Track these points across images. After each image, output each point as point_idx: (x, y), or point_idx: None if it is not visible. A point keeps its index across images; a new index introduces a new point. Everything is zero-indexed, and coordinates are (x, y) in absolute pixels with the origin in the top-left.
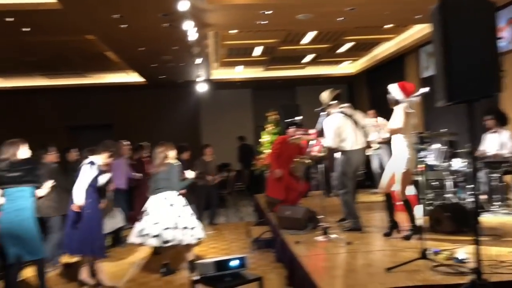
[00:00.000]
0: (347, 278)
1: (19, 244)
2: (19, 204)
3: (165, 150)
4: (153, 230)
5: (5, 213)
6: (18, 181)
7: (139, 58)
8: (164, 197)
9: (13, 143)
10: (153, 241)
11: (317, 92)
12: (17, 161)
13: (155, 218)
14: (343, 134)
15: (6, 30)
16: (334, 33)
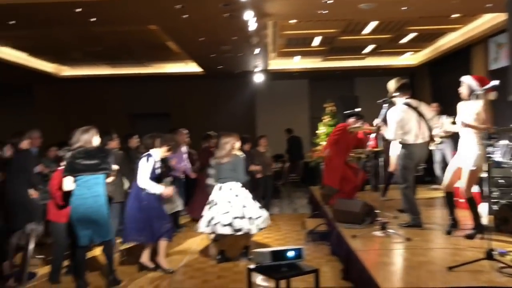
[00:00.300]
0: (407, 275)
1: (92, 228)
2: (96, 190)
3: (231, 141)
4: (223, 219)
5: (81, 199)
6: (94, 169)
7: (199, 48)
8: (229, 188)
9: (87, 130)
10: (225, 230)
11: (377, 84)
12: (93, 149)
13: (224, 207)
14: (406, 127)
15: (74, 20)
16: (397, 23)
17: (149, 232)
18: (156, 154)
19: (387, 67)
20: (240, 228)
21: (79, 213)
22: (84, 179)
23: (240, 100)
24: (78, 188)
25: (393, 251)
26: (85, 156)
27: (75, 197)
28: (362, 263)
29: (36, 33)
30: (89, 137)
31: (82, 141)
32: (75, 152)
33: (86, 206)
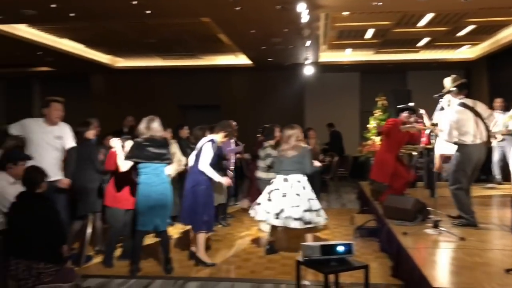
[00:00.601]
0: (461, 276)
1: (159, 214)
2: (163, 178)
3: (296, 133)
4: (294, 213)
5: (152, 186)
6: (161, 158)
7: (250, 41)
8: (296, 180)
9: (153, 119)
10: (296, 224)
11: (430, 78)
12: (161, 139)
13: (294, 200)
14: (463, 128)
15: (130, 12)
16: (455, 15)
17: (200, 218)
18: (215, 139)
19: (442, 60)
20: (309, 221)
21: (152, 200)
22: (153, 167)
23: (289, 93)
24: (148, 176)
25: (446, 250)
26: (155, 144)
27: (145, 185)
28: (413, 261)
29: (93, 25)
30: (158, 126)
31: (152, 129)
32: (144, 139)
33: (158, 192)
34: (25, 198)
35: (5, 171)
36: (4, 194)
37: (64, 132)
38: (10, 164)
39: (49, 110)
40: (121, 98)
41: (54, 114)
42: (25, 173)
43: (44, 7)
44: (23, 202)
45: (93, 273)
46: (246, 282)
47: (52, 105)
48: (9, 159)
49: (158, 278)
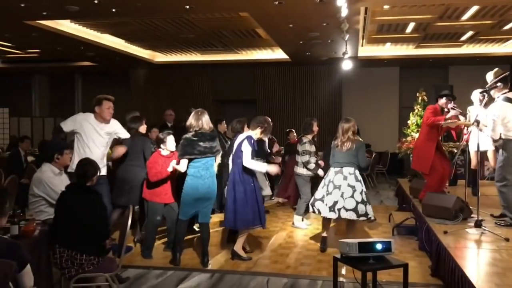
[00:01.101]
0: (505, 278)
1: (204, 207)
2: (212, 171)
3: (352, 126)
4: (347, 204)
5: (201, 179)
6: (211, 151)
7: (288, 35)
8: (349, 172)
9: (202, 113)
10: (349, 215)
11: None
12: (209, 132)
13: (347, 192)
14: (509, 124)
15: (170, 7)
16: (502, 7)
17: (256, 216)
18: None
19: (485, 55)
20: (363, 213)
21: (199, 193)
22: (203, 161)
23: (326, 88)
24: (198, 169)
25: (489, 251)
26: (205, 139)
27: (194, 178)
28: (454, 260)
29: (134, 21)
30: (208, 119)
31: (201, 123)
32: (194, 135)
33: (206, 186)
34: (75, 190)
35: (50, 163)
36: (50, 185)
37: (114, 128)
38: (56, 154)
39: (101, 108)
40: (160, 93)
41: (106, 112)
42: (79, 165)
43: (87, 3)
44: (73, 193)
45: (133, 264)
46: (282, 277)
47: (104, 103)
48: (55, 149)
49: (196, 270)
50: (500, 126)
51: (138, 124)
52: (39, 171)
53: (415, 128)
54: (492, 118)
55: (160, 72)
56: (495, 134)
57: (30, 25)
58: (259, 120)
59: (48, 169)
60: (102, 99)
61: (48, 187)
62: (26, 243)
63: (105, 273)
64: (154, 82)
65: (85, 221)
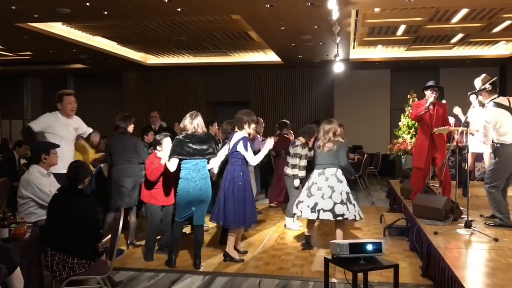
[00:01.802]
0: (495, 277)
1: (197, 209)
2: (204, 173)
3: (333, 128)
4: (325, 204)
5: (192, 181)
6: (203, 153)
7: (280, 38)
8: (331, 173)
9: (195, 115)
10: (326, 215)
11: (464, 75)
12: (202, 135)
13: (327, 193)
14: (502, 128)
15: (162, 10)
16: (490, 10)
17: (242, 216)
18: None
19: (476, 57)
20: (341, 213)
21: (190, 195)
22: (194, 163)
23: (318, 90)
24: (188, 171)
25: (479, 251)
26: (196, 140)
27: (185, 181)
28: (444, 261)
29: (126, 23)
30: (200, 122)
31: (194, 125)
32: (185, 136)
33: (197, 188)
34: (66, 192)
35: (38, 164)
36: (38, 185)
37: (79, 123)
38: (43, 155)
39: (63, 105)
40: (153, 95)
41: (68, 107)
42: (69, 167)
43: (78, 5)
44: (64, 196)
45: (125, 266)
46: (274, 278)
47: (65, 98)
48: (42, 149)
49: (188, 272)
50: (492, 132)
51: (128, 123)
52: (27, 172)
53: (406, 130)
54: (484, 124)
55: (153, 74)
56: (487, 140)
57: (22, 28)
58: (240, 118)
59: (35, 170)
60: (62, 94)
61: (37, 188)
62: (17, 246)
63: (96, 275)
64: (146, 84)
65: (77, 224)
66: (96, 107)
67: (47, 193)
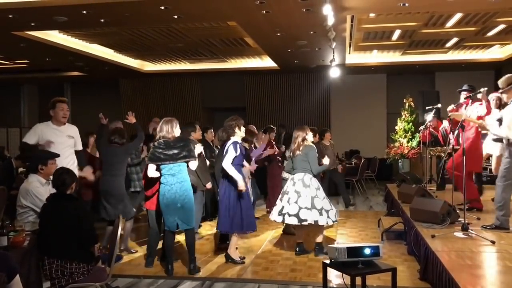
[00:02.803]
0: (492, 280)
1: (178, 214)
2: (181, 177)
3: (302, 133)
4: (291, 209)
5: (168, 185)
6: (174, 158)
7: (276, 44)
8: (299, 178)
9: (169, 121)
10: (291, 220)
11: (459, 79)
12: (172, 140)
13: (293, 197)
14: None
15: (159, 17)
16: (484, 14)
17: (239, 221)
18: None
19: (471, 61)
20: (305, 218)
21: (166, 199)
22: (168, 168)
23: (314, 95)
24: (164, 176)
25: (477, 254)
26: (165, 146)
27: (162, 184)
28: (442, 264)
29: (122, 31)
30: (170, 128)
31: (163, 131)
32: (156, 143)
33: (172, 192)
34: (55, 199)
35: (36, 174)
36: (38, 195)
37: (74, 132)
38: (41, 166)
39: (55, 111)
40: (150, 102)
41: (59, 114)
42: (54, 175)
43: (75, 13)
44: (54, 203)
45: (123, 273)
46: (273, 283)
47: (57, 105)
48: (39, 160)
49: (186, 278)
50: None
51: (122, 138)
52: (26, 182)
53: (402, 134)
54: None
55: (150, 81)
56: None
57: (18, 36)
58: (230, 125)
59: (34, 180)
60: (55, 101)
61: (36, 198)
62: (16, 254)
63: (95, 282)
64: (143, 91)
65: (71, 228)
66: (93, 115)
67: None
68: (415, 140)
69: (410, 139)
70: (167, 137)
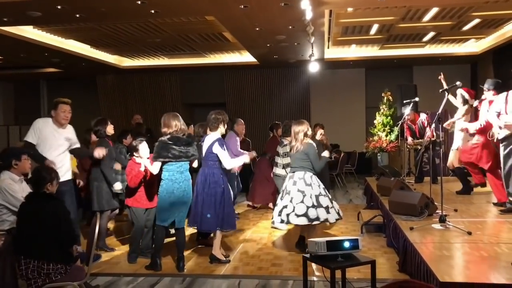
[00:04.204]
0: (467, 269)
1: (181, 211)
2: (186, 175)
3: (304, 129)
4: (298, 209)
5: (176, 183)
6: (187, 155)
7: (255, 38)
8: (299, 177)
9: (176, 116)
10: (300, 220)
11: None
12: (186, 137)
13: (296, 197)
14: None
15: (135, 12)
16: (459, 9)
17: (220, 218)
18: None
19: (448, 55)
20: (316, 217)
21: (174, 196)
22: (178, 165)
23: (294, 90)
24: (172, 174)
25: (453, 245)
26: (180, 143)
27: (169, 182)
28: (420, 255)
29: (99, 26)
30: (182, 124)
31: (174, 127)
32: (170, 138)
33: (181, 189)
34: (33, 198)
35: (9, 170)
36: (10, 191)
37: (72, 133)
38: (14, 161)
39: (56, 112)
40: (128, 98)
41: (61, 115)
42: (33, 173)
43: (50, 8)
44: (32, 202)
45: (103, 272)
46: (254, 278)
47: (60, 106)
48: (12, 155)
49: (166, 275)
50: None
51: (104, 125)
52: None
53: (381, 128)
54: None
55: (128, 77)
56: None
57: None
58: (216, 118)
59: (7, 177)
60: (59, 102)
61: (9, 195)
62: None
63: (73, 282)
64: (122, 88)
65: (48, 228)
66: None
67: (20, 199)
68: (394, 134)
69: (389, 133)
70: (179, 133)
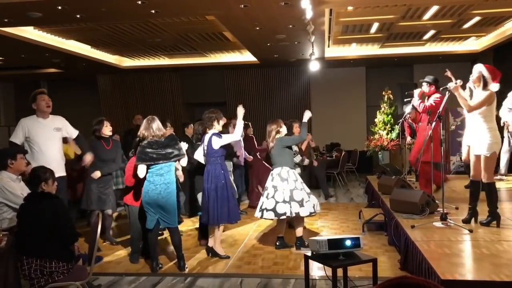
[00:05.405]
0: (469, 267)
1: (160, 213)
2: (167, 178)
3: (276, 127)
4: (268, 204)
5: (153, 185)
6: (167, 157)
7: (255, 38)
8: (277, 173)
9: (154, 119)
10: (269, 215)
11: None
12: (165, 139)
13: (270, 192)
14: None
15: (136, 12)
16: (460, 7)
17: (225, 213)
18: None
19: (448, 53)
20: (283, 212)
21: (149, 198)
22: (158, 167)
23: (295, 89)
24: (151, 175)
25: (455, 243)
26: (157, 146)
27: (147, 182)
28: (421, 253)
29: (99, 26)
30: (158, 126)
31: (151, 130)
32: (147, 143)
33: (156, 192)
34: (33, 198)
35: (6, 170)
36: (9, 189)
37: (62, 123)
38: (10, 160)
39: (37, 103)
40: (129, 98)
41: (42, 104)
42: (31, 173)
43: (50, 9)
44: (32, 202)
45: (105, 271)
46: (256, 277)
47: (38, 97)
48: (7, 155)
49: (169, 275)
50: None
51: (101, 125)
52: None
53: (382, 126)
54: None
55: (128, 77)
56: None
57: None
58: (210, 117)
59: (5, 176)
60: (36, 94)
61: (8, 192)
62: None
63: (75, 281)
64: (122, 87)
65: (50, 227)
66: (71, 111)
67: (19, 196)
68: (394, 132)
69: (390, 131)
70: (157, 136)
